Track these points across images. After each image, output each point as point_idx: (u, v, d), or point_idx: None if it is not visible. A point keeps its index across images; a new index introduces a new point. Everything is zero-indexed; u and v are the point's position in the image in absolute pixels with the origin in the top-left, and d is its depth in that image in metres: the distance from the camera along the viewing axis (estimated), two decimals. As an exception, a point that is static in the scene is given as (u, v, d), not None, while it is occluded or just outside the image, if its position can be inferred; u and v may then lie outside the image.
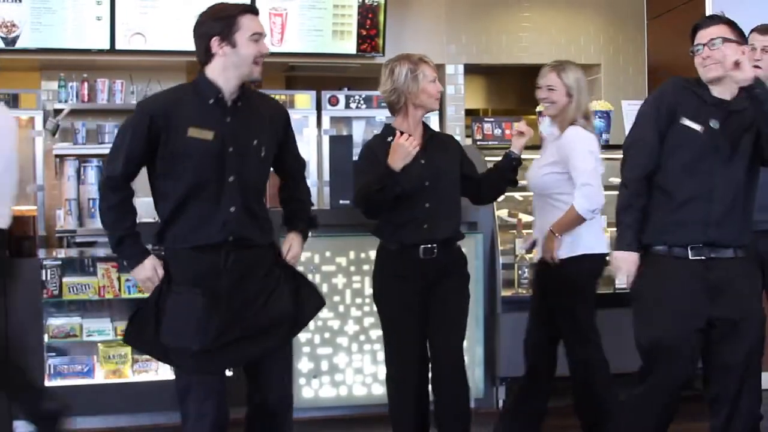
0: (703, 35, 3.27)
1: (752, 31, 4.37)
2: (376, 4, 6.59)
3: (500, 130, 5.58)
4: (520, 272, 5.00)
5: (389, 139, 3.65)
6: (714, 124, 3.25)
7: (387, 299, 3.75)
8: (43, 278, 4.66)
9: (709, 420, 3.43)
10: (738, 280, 3.30)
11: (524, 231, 5.14)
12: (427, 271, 3.67)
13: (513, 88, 9.27)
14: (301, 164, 3.48)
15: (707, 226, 3.25)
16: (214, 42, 3.03)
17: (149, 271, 3.12)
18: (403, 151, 3.44)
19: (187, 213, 3.08)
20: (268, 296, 3.19)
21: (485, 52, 7.08)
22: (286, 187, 3.47)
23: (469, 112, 7.88)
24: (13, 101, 6.22)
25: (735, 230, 3.27)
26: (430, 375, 3.78)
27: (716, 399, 3.36)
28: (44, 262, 4.69)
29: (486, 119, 5.64)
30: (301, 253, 3.40)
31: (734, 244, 3.28)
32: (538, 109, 5.38)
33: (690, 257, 3.26)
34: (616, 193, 3.51)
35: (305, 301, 3.30)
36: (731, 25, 3.29)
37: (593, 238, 3.95)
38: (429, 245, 3.64)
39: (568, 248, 3.89)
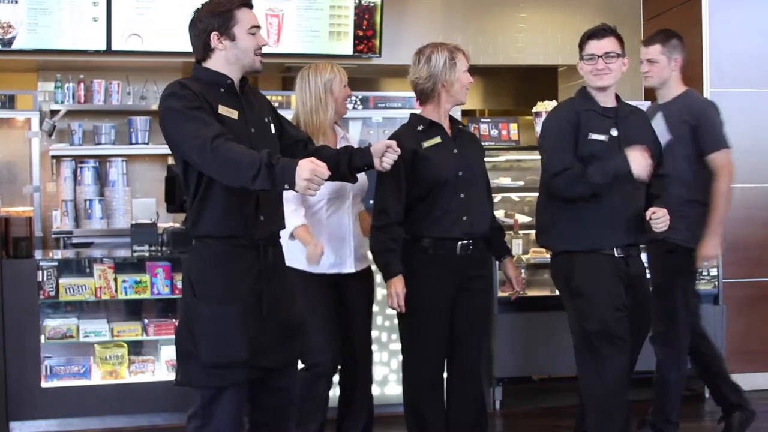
0: (598, 47, 3.67)
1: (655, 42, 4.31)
2: (372, 4, 6.59)
3: (497, 131, 5.58)
4: (516, 273, 5.00)
5: (419, 128, 3.64)
6: (614, 132, 3.65)
7: (416, 302, 3.57)
8: (40, 279, 4.66)
9: None
10: None
11: (520, 231, 5.16)
12: (462, 269, 3.61)
13: (509, 88, 9.28)
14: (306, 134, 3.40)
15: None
16: (214, 37, 3.01)
17: (307, 171, 2.75)
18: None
19: (221, 197, 2.95)
20: (289, 298, 3.14)
21: (482, 53, 7.07)
22: (309, 146, 3.29)
23: (465, 113, 7.89)
24: (9, 102, 6.22)
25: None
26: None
27: None
28: (41, 263, 4.69)
29: (482, 120, 5.65)
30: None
31: None
32: (534, 109, 5.39)
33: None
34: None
35: None
36: (620, 37, 3.71)
37: None
38: (467, 241, 3.59)
39: None
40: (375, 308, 4.72)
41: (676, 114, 4.17)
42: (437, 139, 3.62)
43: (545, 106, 5.33)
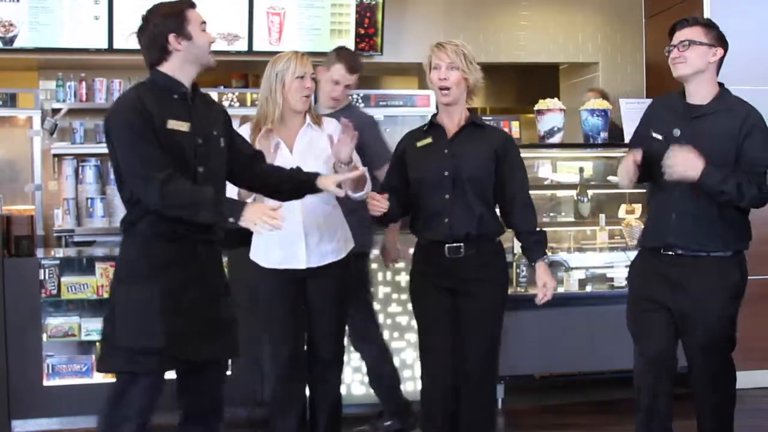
0: (677, 36, 3.55)
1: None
2: (374, 3, 6.59)
3: (498, 129, 5.57)
4: (518, 271, 5.00)
5: (425, 127, 3.70)
6: (676, 132, 3.50)
7: (415, 296, 3.68)
8: (42, 278, 4.67)
9: None
10: None
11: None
12: (455, 270, 3.55)
13: (511, 86, 9.26)
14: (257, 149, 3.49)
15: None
16: (172, 38, 3.06)
17: (258, 210, 2.98)
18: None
19: None
20: (220, 296, 3.20)
21: (483, 51, 7.07)
22: (258, 162, 3.39)
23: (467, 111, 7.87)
24: (11, 101, 6.23)
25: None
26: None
27: None
28: (42, 262, 4.69)
29: (484, 118, 5.64)
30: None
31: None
32: (536, 107, 5.39)
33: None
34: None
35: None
36: (707, 27, 3.53)
37: None
38: (454, 244, 3.53)
39: None
40: (376, 306, 4.73)
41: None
42: (428, 140, 3.64)
43: (547, 104, 5.33)
